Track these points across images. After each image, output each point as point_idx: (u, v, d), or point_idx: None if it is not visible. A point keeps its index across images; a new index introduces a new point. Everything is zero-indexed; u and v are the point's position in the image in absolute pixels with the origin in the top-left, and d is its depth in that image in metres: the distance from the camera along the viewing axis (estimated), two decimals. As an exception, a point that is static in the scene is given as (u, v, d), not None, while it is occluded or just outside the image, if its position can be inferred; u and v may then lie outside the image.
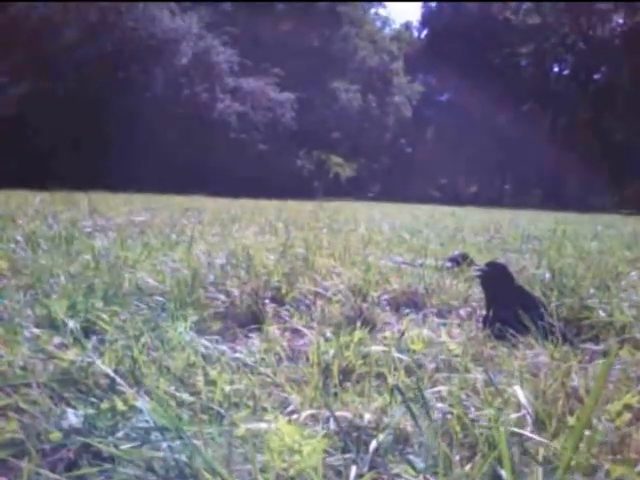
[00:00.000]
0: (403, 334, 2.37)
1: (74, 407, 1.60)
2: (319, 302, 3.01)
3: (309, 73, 38.81)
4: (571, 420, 1.48)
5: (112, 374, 1.68)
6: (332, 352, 2.06)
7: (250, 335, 2.51)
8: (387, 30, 54.41)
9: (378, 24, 53.16)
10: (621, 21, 49.16)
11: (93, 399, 1.63)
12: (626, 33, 47.21)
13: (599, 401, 1.55)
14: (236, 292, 2.97)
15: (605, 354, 2.30)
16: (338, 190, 39.17)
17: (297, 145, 37.71)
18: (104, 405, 1.54)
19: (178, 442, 1.24)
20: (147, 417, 1.37)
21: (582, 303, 2.98)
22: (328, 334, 2.36)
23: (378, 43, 47.13)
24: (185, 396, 1.70)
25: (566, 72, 52.82)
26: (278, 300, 3.07)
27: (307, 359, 2.13)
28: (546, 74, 51.87)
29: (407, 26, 56.95)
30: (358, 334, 2.21)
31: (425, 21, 55.16)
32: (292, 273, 3.39)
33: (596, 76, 50.70)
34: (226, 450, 1.25)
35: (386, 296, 3.28)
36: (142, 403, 1.43)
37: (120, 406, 1.53)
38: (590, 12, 48.14)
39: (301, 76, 37.78)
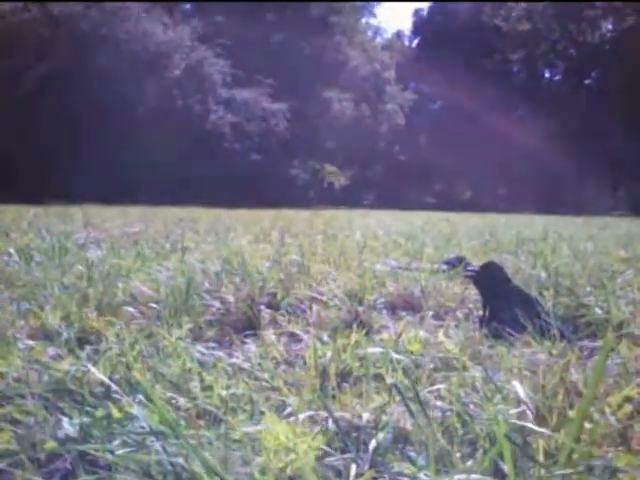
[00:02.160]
0: (400, 336, 2.36)
1: (69, 416, 1.58)
2: (315, 307, 2.99)
3: (302, 83, 38.94)
4: (572, 414, 1.47)
5: (107, 381, 1.66)
6: (329, 355, 2.04)
7: (246, 341, 2.50)
8: (379, 39, 54.75)
9: (369, 33, 53.45)
10: (610, 27, 49.53)
11: (88, 408, 1.61)
12: (615, 39, 47.57)
13: (599, 393, 1.53)
14: (231, 298, 2.95)
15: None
16: (333, 199, 39.22)
17: (291, 154, 37.77)
18: (99, 412, 1.52)
19: (175, 446, 1.22)
20: (143, 423, 1.35)
21: (579, 301, 2.97)
22: (325, 337, 2.34)
23: (370, 52, 47.35)
24: (182, 401, 1.68)
25: (557, 77, 53.15)
26: (274, 306, 3.05)
27: (304, 363, 2.11)
28: (538, 80, 52.16)
29: (398, 35, 57.28)
30: (355, 337, 2.20)
31: (416, 30, 55.44)
32: (287, 279, 3.37)
33: (587, 81, 50.98)
34: (223, 453, 1.23)
35: (382, 299, 3.27)
36: (137, 409, 1.41)
37: (115, 413, 1.51)
38: (579, 18, 48.46)
39: (294, 86, 37.90)
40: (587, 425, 1.30)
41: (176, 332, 2.32)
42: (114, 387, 1.65)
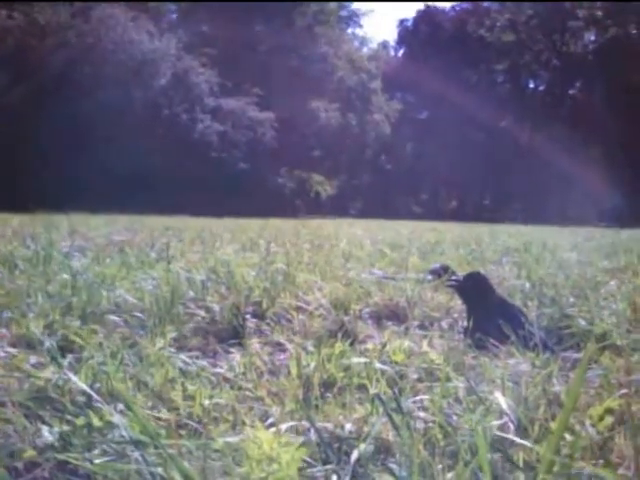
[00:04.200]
0: (385, 346, 2.36)
1: (49, 425, 1.56)
2: (300, 316, 2.99)
3: (288, 93, 39.04)
4: (553, 425, 1.47)
5: (88, 390, 1.64)
6: (313, 365, 2.04)
7: (231, 350, 2.48)
8: (365, 50, 55.00)
9: (356, 44, 53.72)
10: (593, 38, 50.22)
11: (69, 416, 1.60)
12: (597, 50, 48.23)
13: (579, 404, 1.54)
14: (216, 307, 2.94)
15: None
16: (319, 208, 39.29)
17: (278, 164, 37.83)
18: (79, 421, 1.51)
19: (154, 455, 1.21)
20: (123, 432, 1.34)
21: (562, 312, 2.99)
22: (309, 347, 2.34)
23: (356, 62, 47.55)
24: (163, 411, 1.67)
25: (541, 88, 53.72)
26: (259, 315, 3.04)
27: (289, 373, 2.10)
28: (522, 90, 52.68)
29: (384, 45, 57.67)
30: (339, 346, 2.19)
31: (402, 40, 55.84)
32: (273, 288, 3.36)
33: (571, 91, 51.56)
34: (203, 462, 1.23)
35: (368, 309, 3.27)
36: (118, 418, 1.40)
37: (96, 422, 1.50)
38: (563, 29, 49.09)
39: (281, 96, 38.02)
40: (568, 437, 1.31)
41: (160, 341, 2.30)
42: (95, 396, 1.64)
